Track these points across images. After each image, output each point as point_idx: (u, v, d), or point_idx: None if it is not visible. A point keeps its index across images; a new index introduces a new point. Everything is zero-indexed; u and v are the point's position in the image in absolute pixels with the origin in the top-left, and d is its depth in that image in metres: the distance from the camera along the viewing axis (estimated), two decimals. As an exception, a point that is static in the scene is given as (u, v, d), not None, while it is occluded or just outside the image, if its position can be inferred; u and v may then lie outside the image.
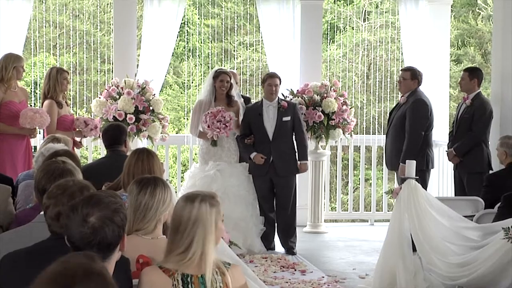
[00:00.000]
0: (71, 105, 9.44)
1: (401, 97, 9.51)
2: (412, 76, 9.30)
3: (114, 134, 7.14)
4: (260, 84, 16.88)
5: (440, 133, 10.40)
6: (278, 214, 9.35)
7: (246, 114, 9.33)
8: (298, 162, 9.27)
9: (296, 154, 9.27)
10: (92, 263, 2.28)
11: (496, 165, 8.29)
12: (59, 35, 15.63)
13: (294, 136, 9.30)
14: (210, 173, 9.12)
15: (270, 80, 9.15)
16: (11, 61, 8.60)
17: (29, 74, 14.88)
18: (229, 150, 9.33)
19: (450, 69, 12.73)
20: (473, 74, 9.29)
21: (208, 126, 8.98)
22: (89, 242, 2.99)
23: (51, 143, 6.49)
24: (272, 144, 9.11)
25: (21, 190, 5.85)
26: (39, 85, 13.38)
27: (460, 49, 20.99)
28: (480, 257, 6.05)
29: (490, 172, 8.62)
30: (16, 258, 3.49)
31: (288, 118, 9.14)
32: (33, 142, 9.18)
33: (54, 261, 2.26)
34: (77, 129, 9.08)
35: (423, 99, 9.20)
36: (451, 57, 13.42)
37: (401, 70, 9.75)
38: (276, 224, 9.38)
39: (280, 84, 9.27)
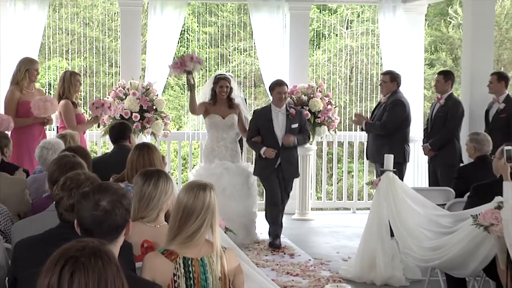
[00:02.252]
0: (82, 105, 9.40)
1: (382, 97, 9.50)
2: (391, 78, 9.29)
3: (119, 131, 7.22)
4: (253, 86, 16.91)
5: (415, 130, 10.39)
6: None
7: (254, 118, 8.91)
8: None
9: (298, 156, 9.14)
10: (100, 245, 2.29)
11: (466, 159, 8.28)
12: (71, 41, 15.62)
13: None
14: (216, 171, 8.72)
15: (279, 89, 8.71)
16: (24, 64, 8.61)
17: (44, 77, 14.86)
18: (232, 150, 8.95)
19: (424, 72, 12.74)
20: (448, 77, 9.31)
21: (179, 63, 8.64)
22: (101, 223, 3.01)
23: (52, 138, 6.78)
24: (281, 149, 8.64)
25: (30, 184, 5.85)
26: (53, 86, 13.39)
27: (433, 54, 21.00)
28: (451, 242, 6.04)
29: (461, 165, 8.63)
30: (29, 244, 3.48)
31: (296, 125, 8.74)
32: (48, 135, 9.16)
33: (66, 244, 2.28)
34: (91, 118, 9.08)
35: (401, 99, 9.18)
36: (425, 61, 13.41)
37: (382, 74, 9.74)
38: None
39: (288, 90, 8.98)
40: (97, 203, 3.03)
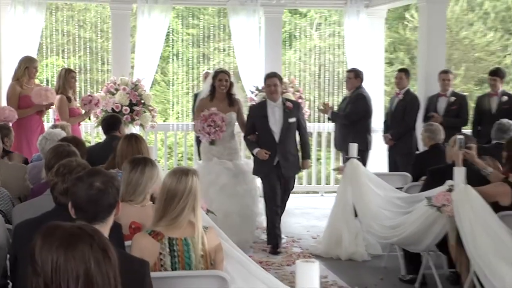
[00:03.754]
0: (77, 99, 9.32)
1: (347, 92, 9.51)
2: (355, 75, 9.29)
3: (111, 123, 7.22)
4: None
5: (377, 122, 10.43)
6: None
7: (250, 114, 7.81)
8: (301, 160, 7.75)
9: (299, 154, 7.78)
10: (92, 227, 2.26)
11: (422, 147, 8.33)
12: (66, 42, 15.48)
13: (300, 137, 7.80)
14: (215, 169, 7.72)
15: (268, 80, 7.59)
16: (24, 62, 8.61)
17: (42, 74, 14.74)
18: (230, 148, 7.91)
19: (384, 70, 12.75)
20: (408, 74, 9.40)
21: (199, 130, 7.66)
22: (96, 201, 3.02)
23: (52, 129, 6.66)
24: (278, 146, 7.47)
25: (29, 170, 5.84)
26: (51, 82, 13.28)
27: (392, 54, 21.07)
28: (408, 221, 6.07)
29: (417, 152, 8.68)
30: (28, 225, 3.46)
31: (294, 120, 7.55)
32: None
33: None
34: (83, 111, 9.01)
35: (364, 94, 9.20)
36: (385, 60, 13.43)
37: (347, 71, 9.75)
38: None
39: (281, 83, 7.69)
40: (91, 184, 3.04)
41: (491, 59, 21.58)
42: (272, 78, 7.60)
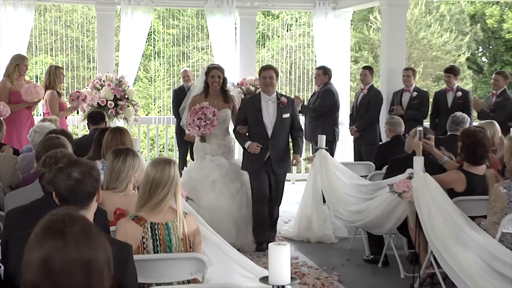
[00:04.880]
0: (65, 94, 9.23)
1: (316, 87, 9.53)
2: (324, 72, 9.31)
3: (96, 117, 7.16)
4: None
5: (343, 115, 10.46)
6: (271, 207, 6.93)
7: (243, 106, 6.99)
8: (292, 155, 6.98)
9: (291, 151, 6.99)
10: (75, 212, 2.23)
11: (385, 138, 8.38)
12: (54, 41, 15.30)
13: (291, 132, 6.91)
14: (207, 165, 6.92)
15: (264, 73, 6.77)
16: (15, 60, 8.49)
17: (31, 71, 14.57)
18: (225, 146, 7.06)
19: (350, 68, 12.79)
20: (372, 71, 9.45)
21: (189, 124, 6.80)
22: (74, 191, 2.98)
23: (41, 122, 6.56)
24: (270, 141, 6.68)
25: (20, 161, 5.77)
26: (40, 79, 13.13)
27: (357, 53, 21.16)
28: (371, 206, 6.10)
29: (379, 143, 8.73)
30: (18, 212, 3.42)
31: (288, 115, 6.75)
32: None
33: (47, 214, 2.19)
34: (70, 106, 8.88)
35: (332, 89, 9.22)
36: (350, 58, 13.48)
37: (316, 68, 9.77)
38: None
39: (276, 77, 6.82)
40: (69, 175, 3.00)
41: (447, 57, 21.78)
42: (268, 70, 6.80)
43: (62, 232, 2.01)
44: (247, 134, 6.79)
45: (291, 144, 7.02)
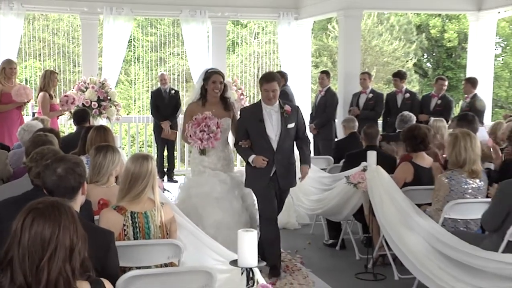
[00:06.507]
0: (56, 96, 9.11)
1: None
2: (280, 76, 9.33)
3: (81, 115, 7.05)
4: (185, 81, 16.67)
5: (304, 114, 10.48)
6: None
7: (243, 118, 5.49)
8: (299, 166, 5.55)
9: (296, 164, 5.56)
10: (60, 201, 2.24)
11: (341, 135, 8.44)
12: (43, 47, 15.07)
13: (296, 141, 5.51)
14: (209, 182, 5.62)
15: (266, 85, 5.28)
16: (3, 64, 8.34)
17: (21, 74, 14.33)
18: (225, 159, 5.76)
19: (311, 72, 12.85)
20: (328, 75, 9.51)
21: (190, 136, 5.54)
22: (58, 186, 2.94)
23: (29, 121, 6.50)
24: (276, 154, 5.32)
25: (11, 156, 5.70)
26: (29, 82, 12.93)
27: (317, 58, 21.25)
28: (330, 195, 6.13)
29: (336, 139, 8.78)
30: (9, 203, 3.35)
31: (293, 125, 5.38)
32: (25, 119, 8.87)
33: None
34: (61, 109, 8.75)
35: (286, 90, 9.16)
36: (311, 63, 13.53)
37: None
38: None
39: (279, 87, 5.38)
40: (54, 170, 2.95)
41: (397, 63, 22.01)
42: (271, 83, 5.30)
43: (37, 209, 2.13)
44: (247, 146, 5.44)
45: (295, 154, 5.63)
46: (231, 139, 5.88)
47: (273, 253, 5.41)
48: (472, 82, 8.97)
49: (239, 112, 5.68)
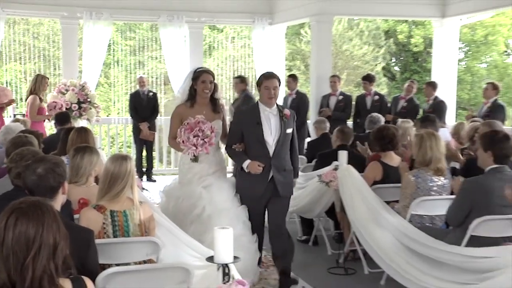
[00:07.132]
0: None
1: (237, 94, 9.51)
2: (241, 81, 9.42)
3: (62, 118, 7.01)
4: (163, 84, 16.58)
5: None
6: (274, 239, 4.96)
7: (238, 120, 4.97)
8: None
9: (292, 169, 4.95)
10: (41, 199, 2.22)
11: (313, 136, 8.47)
12: (23, 50, 14.84)
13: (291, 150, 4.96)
14: (195, 192, 4.96)
15: (267, 82, 4.76)
16: None
17: (2, 77, 14.10)
18: (216, 164, 5.09)
19: (286, 75, 12.88)
20: (296, 78, 9.60)
21: (183, 141, 4.88)
22: (38, 185, 2.91)
23: (10, 123, 6.51)
24: (272, 160, 4.77)
25: (-8, 157, 5.60)
26: (9, 84, 12.74)
27: (291, 62, 21.30)
28: (303, 194, 6.14)
29: (308, 140, 8.82)
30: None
31: (290, 130, 4.87)
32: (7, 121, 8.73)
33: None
34: (48, 114, 8.64)
35: (249, 95, 9.18)
36: (285, 67, 13.56)
37: (234, 77, 9.84)
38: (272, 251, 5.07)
39: (279, 86, 4.84)
40: (34, 170, 2.92)
41: (366, 67, 22.19)
42: (272, 80, 4.78)
43: (19, 208, 2.10)
44: (241, 150, 4.88)
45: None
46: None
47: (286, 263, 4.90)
48: (432, 86, 9.18)
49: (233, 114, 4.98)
